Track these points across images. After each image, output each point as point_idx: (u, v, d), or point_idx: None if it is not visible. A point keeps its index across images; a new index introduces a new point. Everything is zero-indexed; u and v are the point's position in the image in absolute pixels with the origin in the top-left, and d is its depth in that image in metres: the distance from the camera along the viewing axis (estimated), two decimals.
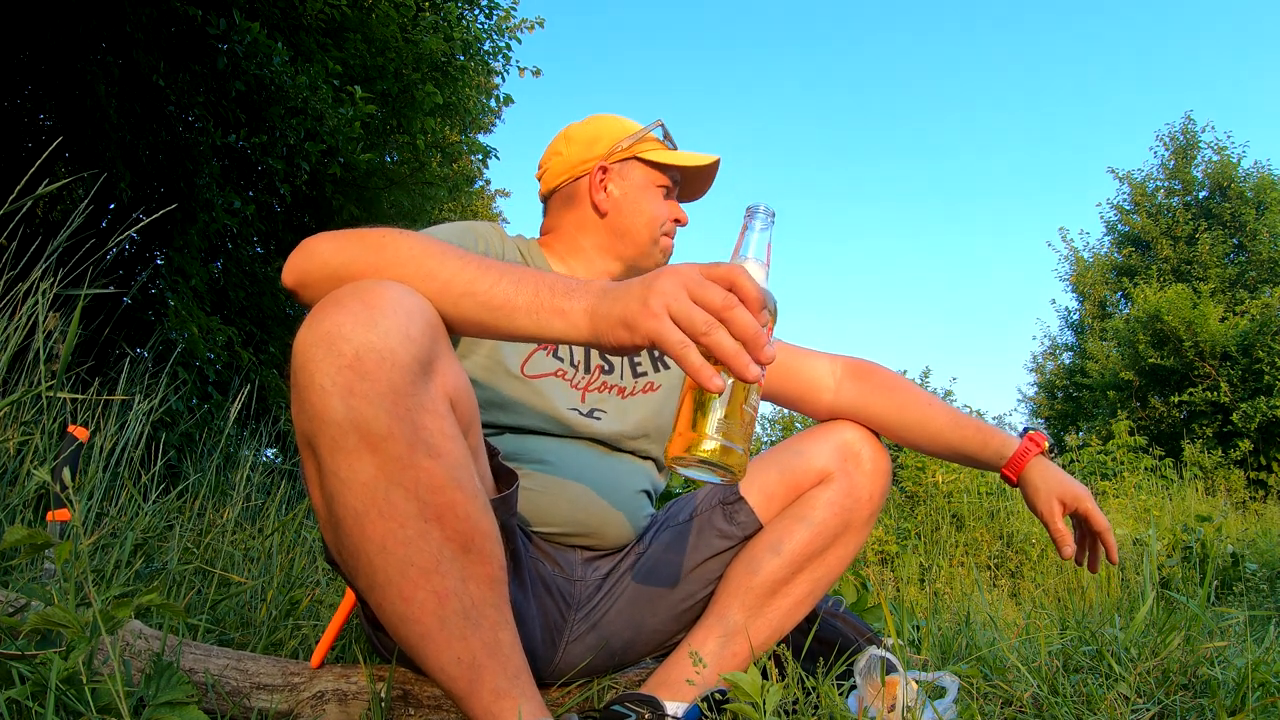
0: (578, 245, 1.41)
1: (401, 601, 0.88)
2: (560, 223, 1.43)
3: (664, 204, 1.41)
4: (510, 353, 1.27)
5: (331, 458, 0.83)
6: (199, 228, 4.30)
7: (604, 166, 1.39)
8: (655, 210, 1.40)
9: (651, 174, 1.40)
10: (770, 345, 0.76)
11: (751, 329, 0.75)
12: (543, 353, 1.29)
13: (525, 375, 1.26)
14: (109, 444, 2.03)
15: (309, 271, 0.92)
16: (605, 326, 0.80)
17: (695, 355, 0.74)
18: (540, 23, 6.50)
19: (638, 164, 1.40)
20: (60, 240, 1.94)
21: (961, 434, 1.29)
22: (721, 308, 0.75)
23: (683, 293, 0.77)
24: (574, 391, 1.29)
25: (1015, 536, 5.65)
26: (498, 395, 1.24)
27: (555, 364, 1.29)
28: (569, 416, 1.26)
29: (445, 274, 0.87)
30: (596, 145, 1.40)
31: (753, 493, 1.26)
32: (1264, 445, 10.90)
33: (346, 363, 0.80)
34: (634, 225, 1.39)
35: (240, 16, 3.88)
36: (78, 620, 0.86)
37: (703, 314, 0.75)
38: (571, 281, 0.85)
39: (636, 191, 1.39)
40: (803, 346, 1.39)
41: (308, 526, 2.36)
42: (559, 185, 1.42)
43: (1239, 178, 13.87)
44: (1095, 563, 1.28)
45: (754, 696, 0.98)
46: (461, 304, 0.86)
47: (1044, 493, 1.25)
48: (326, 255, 0.92)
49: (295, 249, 0.94)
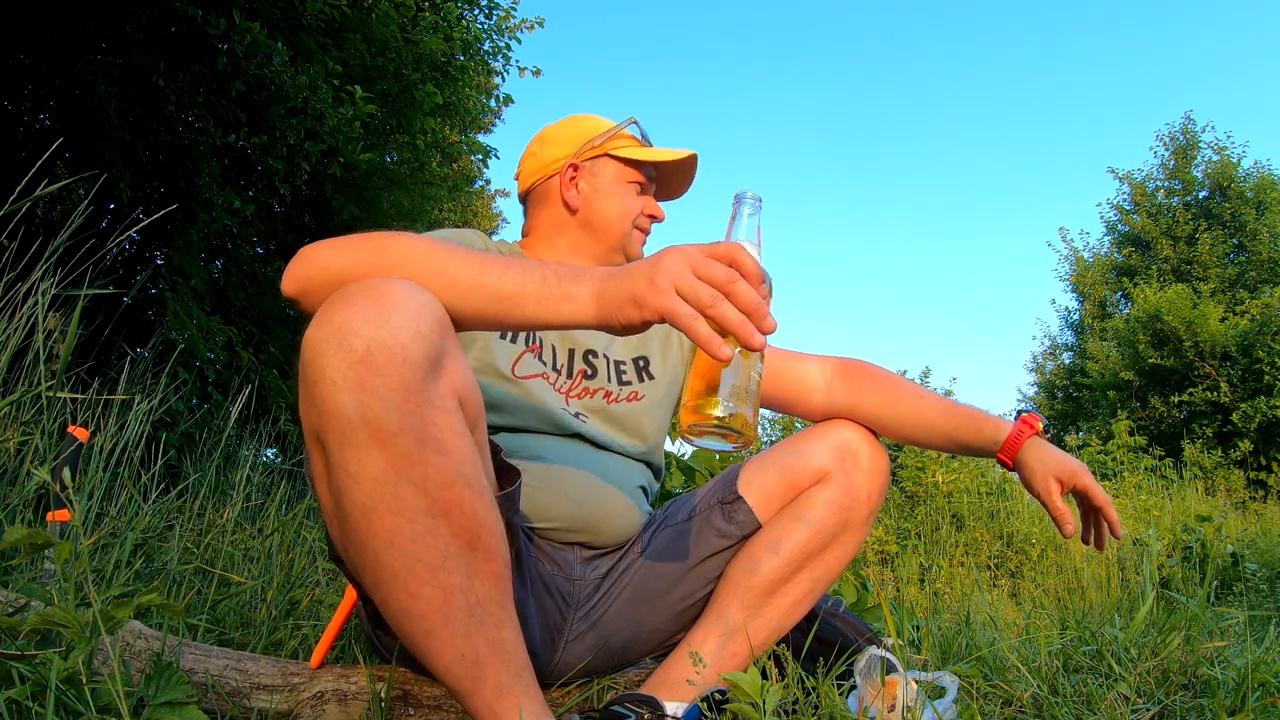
0: (554, 245, 1.42)
1: (407, 597, 0.88)
2: (537, 223, 1.45)
3: (636, 199, 1.41)
4: (500, 354, 1.28)
5: (340, 452, 0.83)
6: (199, 228, 4.30)
7: (574, 164, 1.40)
8: (626, 205, 1.40)
9: (624, 170, 1.40)
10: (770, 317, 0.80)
11: (754, 300, 0.79)
12: (531, 355, 1.30)
13: (516, 376, 1.27)
14: (109, 444, 2.03)
15: (310, 278, 0.92)
16: (613, 306, 0.83)
17: (704, 326, 0.78)
18: (540, 23, 6.50)
19: (609, 161, 1.41)
20: (60, 240, 1.94)
21: (955, 422, 1.28)
22: (724, 282, 0.79)
23: (687, 269, 0.80)
24: (558, 395, 1.31)
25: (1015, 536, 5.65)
26: (490, 396, 1.25)
27: (541, 367, 1.31)
28: (560, 414, 1.27)
29: (451, 269, 0.88)
30: (569, 144, 1.41)
31: (751, 492, 1.26)
32: (1264, 445, 10.90)
33: (358, 358, 0.80)
34: (604, 220, 1.40)
35: (240, 16, 3.87)
36: (78, 620, 0.86)
37: (708, 289, 0.79)
38: (575, 268, 0.88)
39: (607, 187, 1.40)
40: (793, 350, 1.40)
41: (308, 526, 2.36)
42: (533, 185, 1.44)
43: (1239, 178, 13.87)
44: (1101, 539, 1.25)
45: (754, 696, 0.98)
46: (470, 297, 0.87)
47: (1040, 472, 1.22)
48: (327, 261, 0.92)
49: (293, 258, 0.94)
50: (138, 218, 3.99)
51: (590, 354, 1.37)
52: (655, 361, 1.42)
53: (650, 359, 1.42)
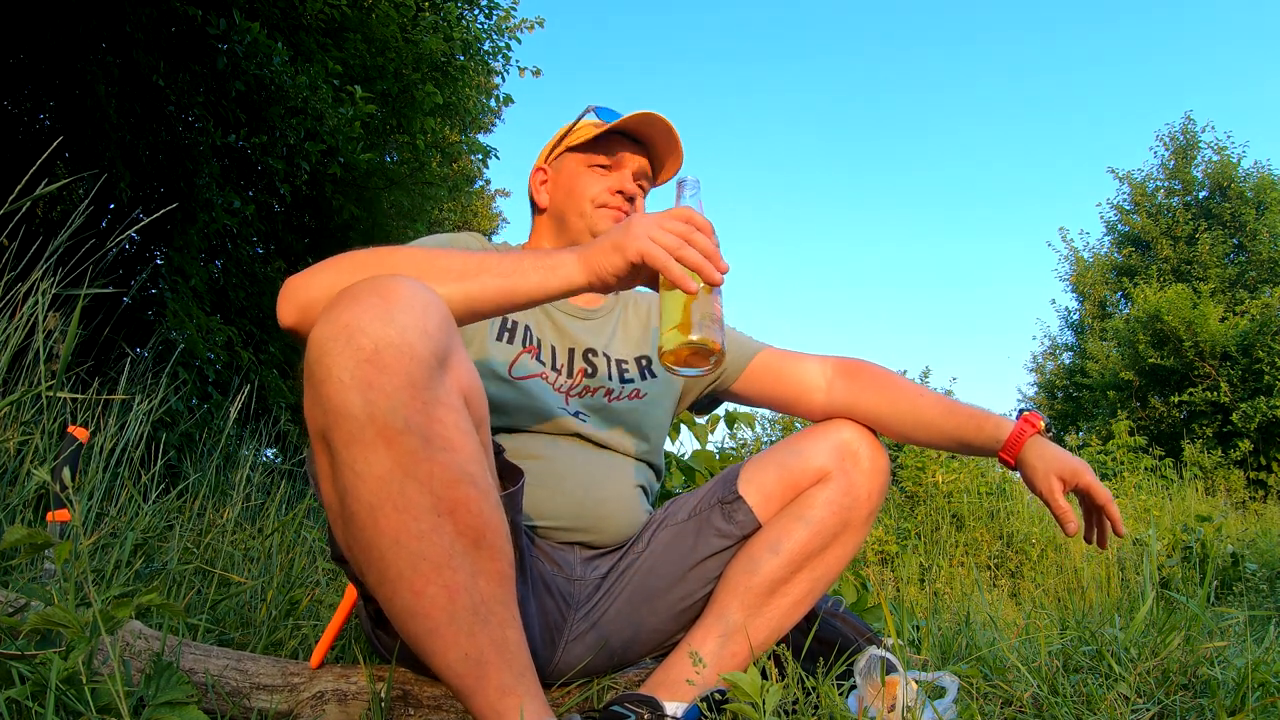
0: (539, 247, 1.46)
1: (412, 596, 0.88)
2: (531, 233, 1.52)
3: (599, 180, 1.40)
4: (498, 355, 1.28)
5: (347, 451, 0.83)
6: (199, 228, 4.30)
7: (540, 169, 1.46)
8: (585, 188, 1.39)
9: (583, 158, 1.41)
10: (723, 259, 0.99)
11: (710, 246, 0.98)
12: (529, 355, 1.31)
13: (513, 377, 1.28)
14: (109, 444, 2.03)
15: (313, 302, 0.93)
16: (598, 259, 0.99)
17: (675, 266, 0.96)
18: (540, 23, 6.50)
19: (568, 154, 1.42)
20: (60, 240, 1.94)
21: (955, 421, 1.28)
22: (686, 233, 0.98)
23: (655, 225, 0.99)
24: (557, 394, 1.31)
25: (1015, 536, 5.65)
26: (489, 397, 1.25)
27: (539, 367, 1.31)
28: (558, 413, 1.28)
29: (457, 264, 0.97)
30: (541, 154, 1.47)
31: (751, 492, 1.26)
32: (1264, 445, 10.90)
33: (365, 356, 0.80)
34: (567, 208, 1.41)
35: (240, 16, 3.87)
36: (78, 620, 0.86)
37: (674, 238, 0.97)
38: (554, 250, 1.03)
39: (567, 179, 1.42)
40: (794, 350, 1.41)
41: (308, 526, 2.36)
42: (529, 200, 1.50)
43: (1239, 178, 13.86)
44: (1104, 537, 1.25)
45: (754, 696, 0.98)
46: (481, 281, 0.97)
47: (1042, 471, 1.21)
48: (328, 282, 0.94)
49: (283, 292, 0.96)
50: (138, 218, 3.99)
51: (590, 353, 1.37)
52: (657, 360, 1.42)
53: (652, 358, 1.42)
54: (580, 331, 1.38)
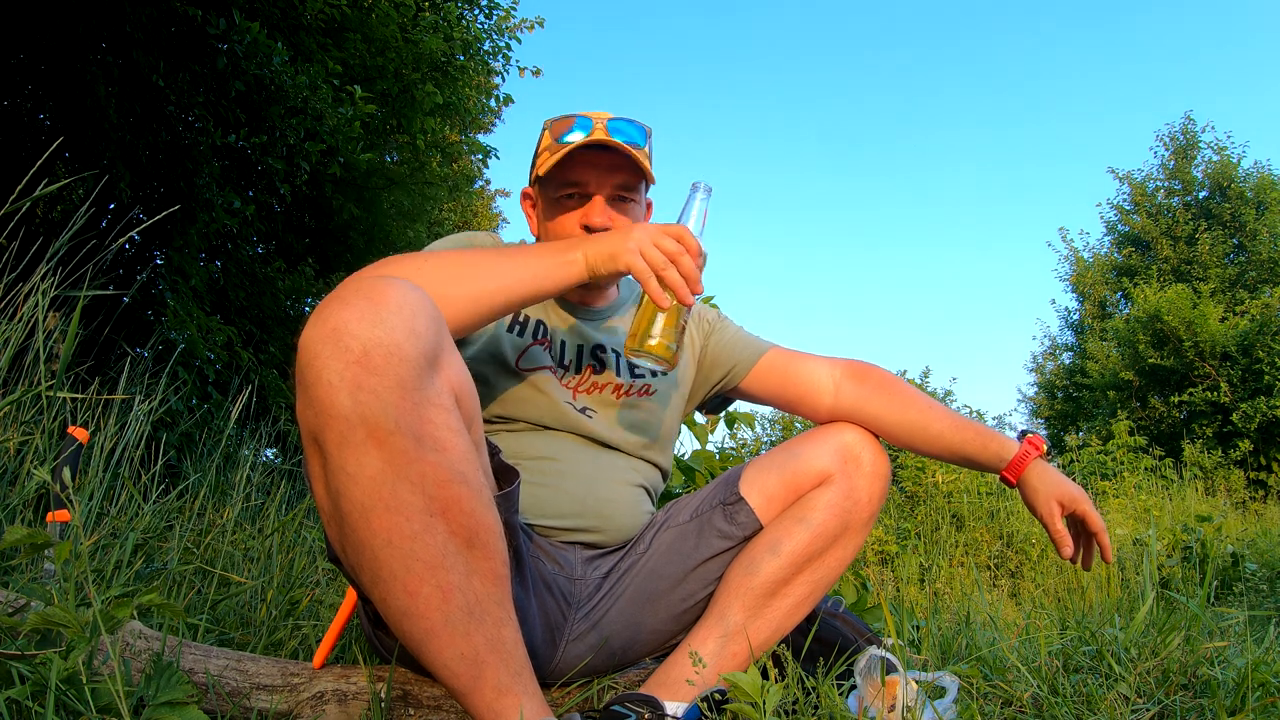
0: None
1: (406, 596, 0.88)
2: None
3: (573, 214, 1.30)
4: (507, 346, 1.28)
5: (339, 452, 0.83)
6: (199, 228, 4.30)
7: (525, 192, 1.43)
8: (561, 224, 1.31)
9: (552, 189, 1.32)
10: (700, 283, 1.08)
11: (692, 271, 1.06)
12: (539, 347, 1.30)
13: (520, 369, 1.28)
14: (109, 444, 2.03)
15: None
16: (596, 261, 1.10)
17: (654, 283, 1.06)
18: (540, 23, 6.51)
19: (540, 182, 1.35)
20: (61, 241, 1.94)
21: (961, 436, 1.31)
22: (674, 254, 1.07)
23: (649, 240, 1.08)
24: (564, 389, 1.30)
25: (1015, 536, 5.65)
26: (493, 388, 1.26)
27: (548, 360, 1.31)
28: (564, 409, 1.28)
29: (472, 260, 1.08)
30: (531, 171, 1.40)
31: (753, 494, 1.26)
32: (1264, 445, 10.89)
33: (354, 358, 0.81)
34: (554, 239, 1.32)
35: (240, 16, 3.87)
36: (78, 620, 0.86)
37: (661, 256, 1.06)
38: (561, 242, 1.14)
39: (545, 210, 1.35)
40: (802, 351, 1.40)
41: (308, 526, 2.36)
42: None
43: (1239, 178, 13.85)
44: (1089, 560, 1.31)
45: (754, 696, 0.98)
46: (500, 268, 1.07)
47: (1043, 495, 1.27)
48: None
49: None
50: (138, 218, 3.99)
51: (599, 349, 1.36)
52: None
53: None
54: (590, 329, 1.38)
